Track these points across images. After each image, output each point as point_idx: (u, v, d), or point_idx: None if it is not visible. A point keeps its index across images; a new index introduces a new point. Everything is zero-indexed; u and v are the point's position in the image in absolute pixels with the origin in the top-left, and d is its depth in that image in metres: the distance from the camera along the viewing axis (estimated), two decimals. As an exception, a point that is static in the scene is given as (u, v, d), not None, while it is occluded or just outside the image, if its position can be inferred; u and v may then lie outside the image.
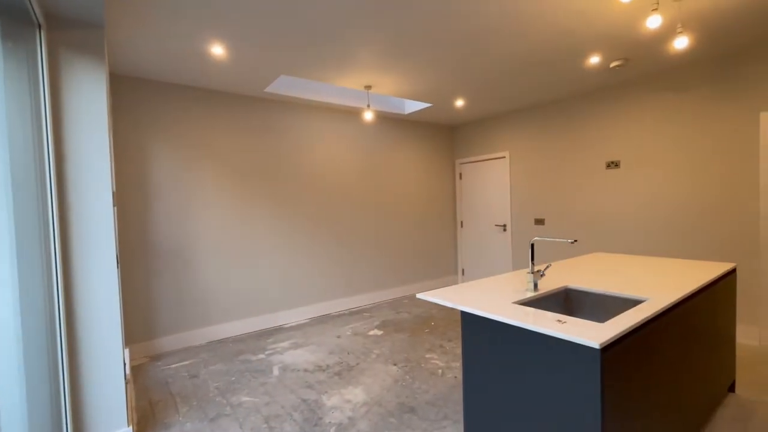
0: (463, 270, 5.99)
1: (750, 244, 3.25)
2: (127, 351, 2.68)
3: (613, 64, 3.39)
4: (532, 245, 1.89)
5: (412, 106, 4.89)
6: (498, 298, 1.77)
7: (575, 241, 1.75)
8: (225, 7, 2.30)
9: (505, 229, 5.31)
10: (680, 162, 3.63)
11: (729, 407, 2.31)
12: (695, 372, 1.89)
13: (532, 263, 1.89)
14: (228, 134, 3.89)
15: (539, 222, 4.86)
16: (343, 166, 4.75)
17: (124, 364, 2.08)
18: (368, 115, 4.06)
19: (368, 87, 3.87)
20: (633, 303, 1.76)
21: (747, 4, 2.45)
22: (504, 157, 5.25)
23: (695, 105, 3.52)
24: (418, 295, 1.85)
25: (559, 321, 1.40)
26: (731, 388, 2.49)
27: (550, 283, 2.03)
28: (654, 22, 2.04)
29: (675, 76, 3.63)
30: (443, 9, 2.40)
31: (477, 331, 1.65)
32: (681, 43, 2.34)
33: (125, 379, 2.06)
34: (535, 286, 1.88)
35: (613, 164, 4.11)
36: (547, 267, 1.95)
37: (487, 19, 2.53)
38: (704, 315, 1.98)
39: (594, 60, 3.31)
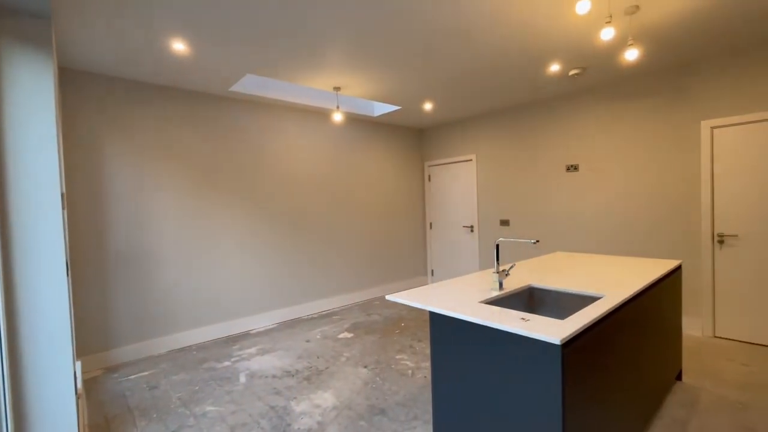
0: (432, 271, 6.07)
1: (693, 242, 3.51)
2: (79, 363, 2.51)
3: (571, 72, 3.57)
4: (497, 246, 1.94)
5: (382, 109, 4.91)
6: (465, 297, 1.81)
7: (537, 241, 1.82)
8: (181, 2, 2.22)
9: (472, 230, 5.44)
10: (632, 166, 3.87)
11: (677, 394, 2.48)
12: (647, 362, 2.02)
13: (498, 263, 1.95)
14: (191, 134, 3.75)
15: (504, 223, 5.01)
16: (312, 167, 4.69)
17: (75, 378, 1.94)
18: (337, 117, 4.04)
19: (337, 88, 3.85)
20: (591, 300, 1.85)
21: (690, 22, 2.65)
22: (471, 159, 5.38)
23: (646, 113, 3.76)
24: (388, 297, 1.85)
25: (522, 319, 1.45)
26: (678, 377, 2.67)
27: (514, 283, 2.10)
28: (607, 34, 2.17)
29: (628, 85, 3.87)
30: (407, 10, 2.43)
31: (445, 330, 1.68)
32: (632, 54, 2.49)
33: (76, 394, 1.93)
34: (501, 285, 1.94)
35: (572, 167, 4.32)
36: (512, 267, 2.02)
37: (451, 24, 2.59)
38: (654, 309, 2.12)
39: (554, 68, 3.47)
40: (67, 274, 1.97)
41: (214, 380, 2.94)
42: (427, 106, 4.68)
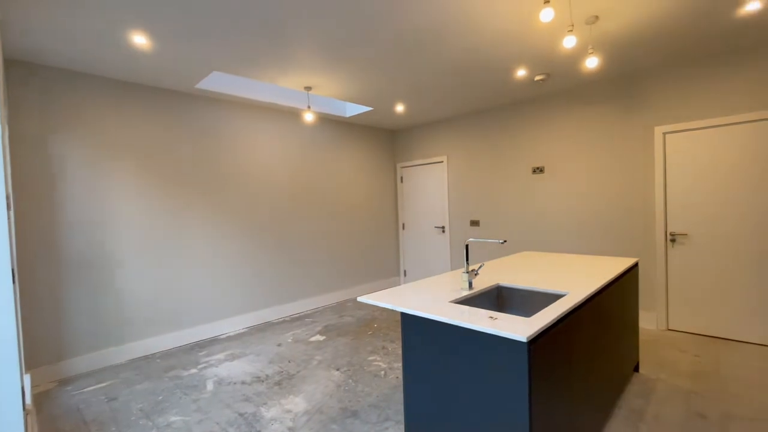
0: (405, 271, 6.11)
1: (648, 241, 3.72)
2: (28, 377, 2.34)
3: (537, 78, 3.69)
4: (467, 246, 1.98)
5: (354, 110, 4.90)
6: (436, 297, 1.83)
7: (505, 241, 1.87)
8: (148, -5, 2.12)
9: (443, 231, 5.52)
10: (594, 169, 4.05)
11: (635, 385, 2.62)
12: (608, 355, 2.11)
13: (467, 263, 1.99)
14: (155, 132, 3.59)
15: (474, 223, 5.12)
16: (284, 168, 4.61)
17: (24, 393, 1.81)
18: (309, 117, 3.99)
19: (308, 88, 3.81)
20: (555, 297, 1.92)
21: (644, 34, 2.81)
22: (442, 161, 5.46)
23: (606, 117, 3.95)
24: (359, 299, 1.85)
25: (491, 318, 1.49)
26: (636, 368, 2.82)
27: (483, 282, 2.15)
28: (569, 42, 2.27)
29: (589, 91, 4.05)
30: (378, 11, 2.44)
31: (416, 331, 1.69)
32: (592, 62, 2.61)
33: (24, 410, 1.79)
34: (470, 285, 1.98)
35: (538, 170, 4.47)
36: (481, 266, 2.06)
37: (422, 27, 2.62)
38: (613, 304, 2.22)
39: (521, 73, 3.58)
40: (14, 281, 1.83)
41: (179, 389, 2.82)
42: (399, 108, 4.71)
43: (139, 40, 2.65)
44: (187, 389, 2.81)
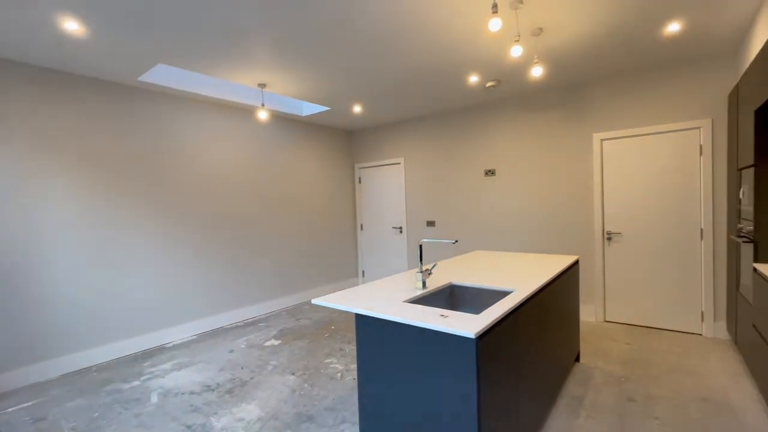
0: (363, 272, 6.12)
1: (588, 240, 4.02)
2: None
3: (488, 84, 3.86)
4: (421, 246, 2.02)
5: (310, 109, 4.83)
6: (390, 297, 1.85)
7: (456, 241, 1.93)
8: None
9: (401, 231, 5.59)
10: (541, 172, 4.30)
11: (575, 374, 2.81)
12: (551, 347, 2.25)
13: (421, 263, 2.03)
14: (93, 126, 3.31)
15: (431, 224, 5.24)
16: (236, 167, 4.44)
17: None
18: (263, 115, 3.87)
19: (262, 85, 3.70)
20: (503, 294, 2.02)
21: (583, 47, 3.03)
22: (399, 162, 5.54)
23: (551, 123, 4.21)
24: (314, 301, 1.83)
25: (442, 316, 1.53)
26: (577, 359, 3.03)
27: (437, 281, 2.21)
28: (516, 51, 2.39)
29: (536, 98, 4.29)
30: (331, 10, 2.43)
31: (370, 331, 1.71)
32: (537, 71, 2.78)
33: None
34: (424, 284, 2.02)
35: (490, 172, 4.67)
36: (434, 266, 2.11)
37: (377, 31, 2.64)
38: (556, 299, 2.37)
39: (473, 79, 3.72)
40: None
41: (119, 403, 2.62)
42: (357, 109, 4.70)
43: (71, 26, 2.43)
44: (127, 403, 2.62)
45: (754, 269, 2.34)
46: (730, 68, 3.28)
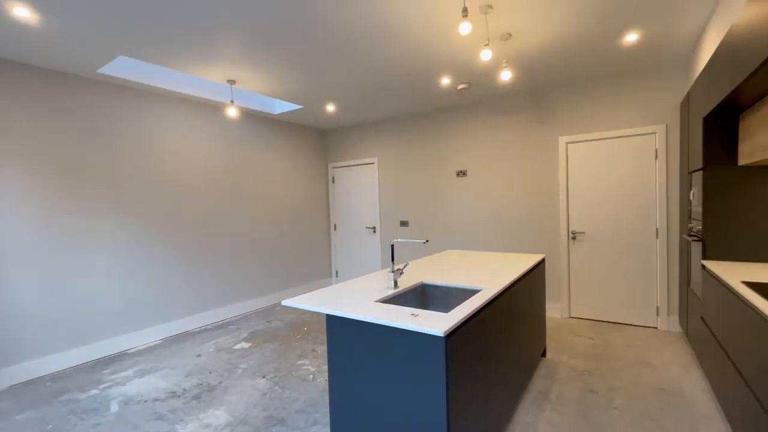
0: (336, 272, 6.08)
1: (555, 239, 4.17)
2: None
3: (459, 87, 3.93)
4: (392, 246, 2.03)
5: (282, 107, 4.75)
6: (361, 298, 1.85)
7: (427, 241, 1.95)
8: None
9: (375, 231, 5.60)
10: (510, 173, 4.43)
11: (542, 369, 2.91)
12: (520, 344, 2.32)
13: (393, 263, 2.04)
14: (44, 121, 3.11)
15: (404, 224, 5.28)
16: (205, 165, 4.30)
17: None
18: (232, 112, 3.77)
19: (232, 81, 3.60)
20: (472, 293, 2.06)
21: (550, 54, 3.14)
22: (373, 162, 5.54)
23: (520, 126, 4.34)
24: (284, 303, 1.80)
25: (413, 315, 1.55)
26: (543, 354, 3.14)
27: (409, 280, 2.23)
28: (486, 55, 2.45)
29: (506, 101, 4.41)
30: (302, 8, 2.40)
31: (341, 332, 1.70)
32: (506, 75, 2.85)
33: None
34: (395, 284, 2.03)
35: (461, 173, 4.76)
36: (405, 266, 2.13)
37: (351, 31, 2.64)
38: (524, 297, 2.45)
39: (445, 81, 3.77)
40: None
41: (75, 414, 2.48)
42: (330, 108, 4.67)
43: (22, 13, 2.28)
44: (84, 414, 2.49)
45: (703, 266, 2.51)
46: (682, 78, 3.50)
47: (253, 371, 3.03)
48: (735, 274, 2.07)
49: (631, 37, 2.89)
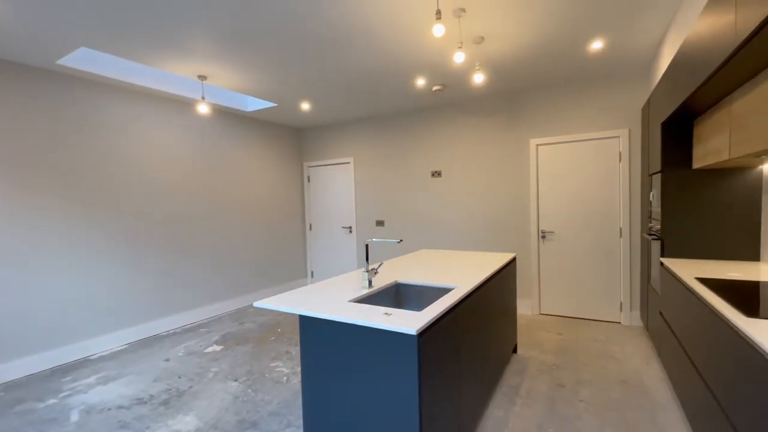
0: (312, 272, 6.02)
1: (526, 238, 4.29)
2: None
3: (434, 88, 3.98)
4: (367, 246, 2.04)
5: (256, 104, 4.66)
6: (335, 298, 1.85)
7: (401, 240, 1.97)
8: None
9: (351, 231, 5.59)
10: (483, 174, 4.52)
11: (513, 364, 2.99)
12: (491, 340, 2.38)
13: (367, 263, 2.05)
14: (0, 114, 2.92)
15: (380, 223, 5.29)
16: (174, 163, 4.15)
17: None
18: (203, 108, 3.67)
19: (202, 77, 3.50)
20: (445, 291, 2.09)
21: (521, 58, 3.23)
22: (349, 162, 5.52)
23: (493, 128, 4.44)
24: (255, 304, 1.77)
25: (386, 314, 1.56)
26: (514, 350, 3.22)
27: (383, 280, 2.24)
28: (459, 58, 2.49)
29: (480, 103, 4.50)
30: (276, 9, 2.37)
31: (314, 333, 1.69)
32: (479, 78, 2.91)
33: None
34: (370, 283, 2.04)
35: (436, 173, 4.82)
36: (380, 265, 2.14)
37: (326, 30, 2.62)
38: (496, 294, 2.51)
39: (420, 82, 3.81)
40: None
41: (31, 425, 2.35)
42: (305, 106, 4.62)
43: (-29, -1, 2.13)
44: (42, 424, 2.35)
45: (661, 263, 2.65)
46: (644, 85, 3.68)
47: (225, 374, 2.96)
48: (689, 270, 2.20)
49: (597, 45, 3.01)
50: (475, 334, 2.07)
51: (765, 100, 1.54)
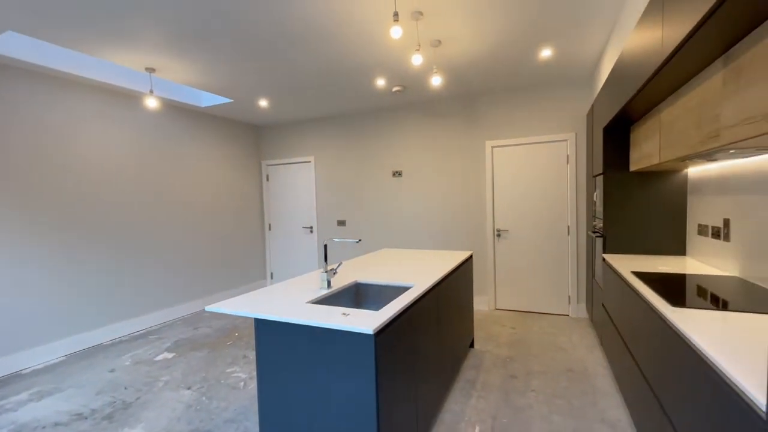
0: (272, 274, 5.87)
1: (482, 236, 4.45)
2: None
3: (394, 89, 4.01)
4: (326, 246, 2.02)
5: (210, 99, 4.47)
6: (293, 299, 1.82)
7: (359, 240, 1.97)
8: None
9: (312, 231, 5.51)
10: (442, 174, 4.63)
11: (470, 359, 3.10)
12: (449, 337, 2.44)
13: (326, 263, 2.03)
14: None
15: (341, 223, 5.26)
16: (120, 160, 3.88)
17: None
18: (151, 102, 3.46)
19: (151, 70, 3.31)
20: (403, 290, 2.13)
21: (476, 62, 3.34)
22: (310, 161, 5.44)
23: (451, 129, 4.55)
24: (207, 309, 1.70)
25: (344, 314, 1.56)
26: (471, 344, 3.33)
27: (343, 280, 2.23)
28: (417, 60, 2.53)
29: (438, 105, 4.60)
30: (231, 11, 2.29)
31: (270, 336, 1.65)
32: (436, 80, 2.98)
33: None
34: (329, 283, 2.03)
35: (397, 173, 4.87)
36: (339, 265, 2.13)
37: (280, 27, 2.56)
38: (453, 292, 2.58)
39: (380, 82, 3.83)
40: None
41: (-51, 450, 2.11)
42: (263, 103, 4.49)
43: None
44: (-37, 448, 2.12)
45: (603, 259, 2.85)
46: (588, 92, 3.93)
47: (177, 383, 2.82)
48: (627, 265, 2.39)
49: (546, 53, 3.18)
50: (433, 331, 2.12)
51: (687, 111, 1.70)
